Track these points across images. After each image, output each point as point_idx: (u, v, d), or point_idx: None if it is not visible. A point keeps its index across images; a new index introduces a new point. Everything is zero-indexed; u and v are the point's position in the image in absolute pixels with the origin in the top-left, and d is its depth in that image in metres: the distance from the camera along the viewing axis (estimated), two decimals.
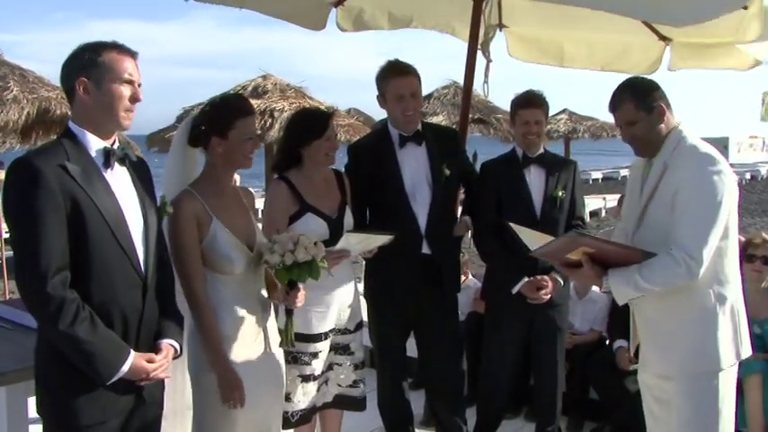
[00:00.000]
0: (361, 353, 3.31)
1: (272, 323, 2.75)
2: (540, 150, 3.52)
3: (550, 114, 4.07)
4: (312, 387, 3.13)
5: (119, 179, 2.15)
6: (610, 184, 28.45)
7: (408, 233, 3.25)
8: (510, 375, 3.64)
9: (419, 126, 3.40)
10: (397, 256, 3.13)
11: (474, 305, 4.67)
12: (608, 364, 4.08)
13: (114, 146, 2.15)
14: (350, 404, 3.31)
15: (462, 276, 4.29)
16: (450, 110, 12.57)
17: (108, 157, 2.11)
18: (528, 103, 3.48)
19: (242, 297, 2.60)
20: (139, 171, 2.25)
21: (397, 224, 3.13)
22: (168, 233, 2.44)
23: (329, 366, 3.22)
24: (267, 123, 9.32)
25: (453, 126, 7.73)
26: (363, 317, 3.38)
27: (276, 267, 2.56)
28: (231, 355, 2.53)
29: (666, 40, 4.44)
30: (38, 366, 2.13)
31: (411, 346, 3.58)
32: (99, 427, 2.08)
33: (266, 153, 9.15)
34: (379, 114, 3.75)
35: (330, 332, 3.16)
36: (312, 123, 3.12)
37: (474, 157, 4.93)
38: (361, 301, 3.42)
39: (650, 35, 4.39)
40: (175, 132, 2.83)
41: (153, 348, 2.19)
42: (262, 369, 2.63)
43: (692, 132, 2.58)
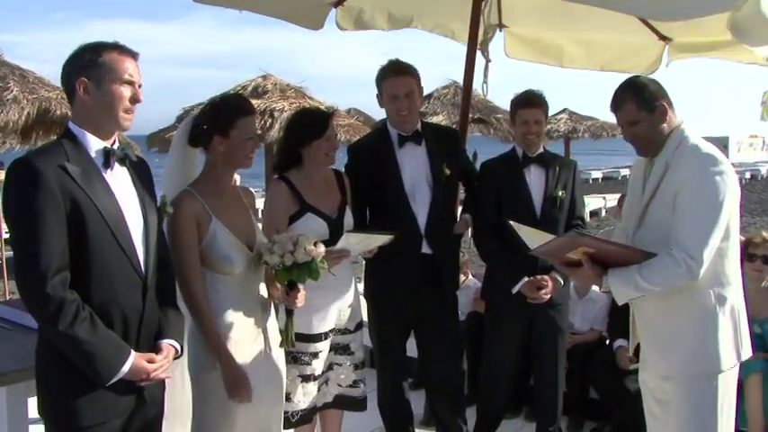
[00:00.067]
0: (361, 353, 3.31)
1: (272, 323, 2.75)
2: (540, 150, 3.52)
3: (550, 114, 4.07)
4: (312, 387, 3.13)
5: (119, 179, 2.15)
6: (610, 183, 28.42)
7: (408, 233, 3.24)
8: (510, 375, 3.64)
9: (419, 126, 3.39)
10: (397, 255, 3.12)
11: (474, 305, 4.67)
12: (608, 364, 4.09)
13: (114, 146, 2.15)
14: (350, 404, 3.31)
15: (462, 276, 4.29)
16: (450, 110, 12.56)
17: (108, 157, 2.11)
18: (528, 102, 3.48)
19: (242, 297, 2.60)
20: (140, 171, 2.25)
21: (397, 224, 3.13)
22: (168, 233, 2.44)
23: (329, 366, 3.22)
24: (267, 123, 9.30)
25: (453, 126, 7.74)
26: (363, 317, 3.38)
27: (276, 268, 2.56)
28: None
29: (666, 39, 4.44)
30: (38, 367, 2.13)
31: (411, 346, 3.57)
32: (100, 428, 2.08)
33: (266, 153, 9.15)
34: (379, 114, 3.75)
35: (330, 332, 3.16)
36: (312, 123, 3.12)
37: (474, 156, 4.92)
38: (362, 301, 3.42)
39: (650, 35, 4.38)
40: (175, 132, 2.83)
41: (153, 348, 2.19)
42: (262, 369, 2.62)
43: (694, 132, 2.56)
